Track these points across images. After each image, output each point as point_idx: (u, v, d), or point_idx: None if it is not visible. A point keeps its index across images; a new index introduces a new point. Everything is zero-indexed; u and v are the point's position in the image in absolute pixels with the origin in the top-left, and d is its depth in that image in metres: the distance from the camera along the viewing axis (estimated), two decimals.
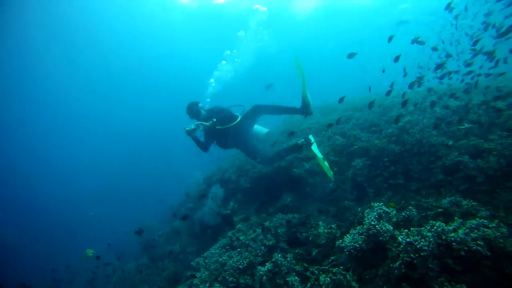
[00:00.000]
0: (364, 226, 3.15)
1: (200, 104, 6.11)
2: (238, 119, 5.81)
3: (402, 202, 4.10)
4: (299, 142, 5.52)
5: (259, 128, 6.26)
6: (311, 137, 5.55)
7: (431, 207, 3.56)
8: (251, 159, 6.12)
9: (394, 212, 3.31)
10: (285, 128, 7.61)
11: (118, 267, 8.56)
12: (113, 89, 35.37)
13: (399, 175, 4.79)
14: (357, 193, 5.06)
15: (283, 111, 5.74)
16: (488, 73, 6.16)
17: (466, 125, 4.92)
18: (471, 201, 3.54)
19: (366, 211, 3.47)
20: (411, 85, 5.68)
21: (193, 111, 5.95)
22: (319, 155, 5.37)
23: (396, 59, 5.51)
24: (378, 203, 3.50)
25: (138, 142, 36.36)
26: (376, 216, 3.21)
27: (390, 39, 5.86)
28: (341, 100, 5.14)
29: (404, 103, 5.34)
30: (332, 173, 5.12)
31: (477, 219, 2.93)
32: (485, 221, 2.88)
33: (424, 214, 3.44)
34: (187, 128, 5.62)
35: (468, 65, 6.23)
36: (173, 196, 10.44)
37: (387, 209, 3.31)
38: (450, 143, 4.67)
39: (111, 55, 27.82)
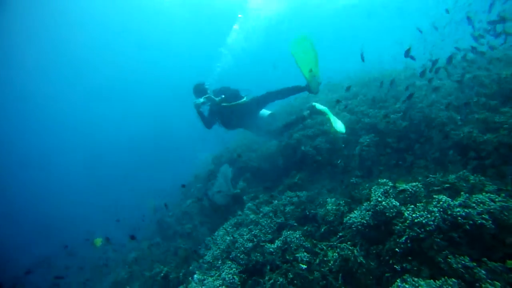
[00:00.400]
0: (371, 203, 3.21)
1: (206, 85, 6.17)
2: (245, 99, 5.85)
3: (410, 178, 4.14)
4: (304, 113, 5.65)
5: (263, 111, 6.27)
6: (314, 103, 5.61)
7: (438, 182, 3.59)
8: (256, 136, 6.21)
9: (402, 187, 3.35)
10: (291, 109, 7.59)
11: (131, 246, 8.94)
12: (115, 80, 35.32)
13: (407, 151, 4.80)
14: (365, 170, 5.10)
15: (292, 92, 5.79)
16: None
17: (476, 98, 4.84)
18: (479, 175, 3.56)
19: (373, 188, 3.51)
20: (422, 74, 5.59)
21: (199, 90, 6.05)
22: (326, 110, 5.42)
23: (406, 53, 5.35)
24: (384, 180, 3.55)
25: (144, 128, 36.47)
26: (383, 192, 3.26)
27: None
28: (348, 89, 5.16)
29: (423, 73, 5.28)
30: (343, 129, 5.13)
31: (484, 193, 2.97)
32: (492, 195, 2.92)
33: (431, 189, 3.48)
34: (196, 102, 5.80)
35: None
36: (183, 176, 10.67)
37: (393, 185, 3.35)
38: (459, 117, 4.62)
39: (107, 50, 27.53)
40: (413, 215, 2.81)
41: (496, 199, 2.83)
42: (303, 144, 5.96)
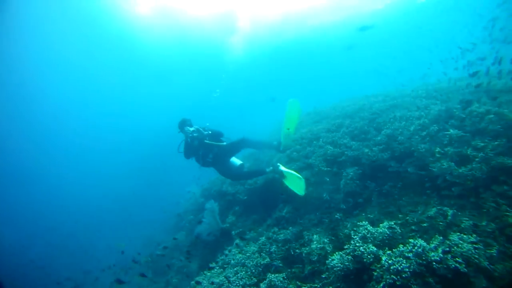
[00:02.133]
0: (351, 247, 3.27)
1: (192, 123, 6.41)
2: (225, 143, 6.26)
3: (390, 213, 4.22)
4: (267, 170, 5.98)
5: (234, 159, 6.48)
6: (278, 164, 5.96)
7: (417, 220, 3.67)
8: (222, 175, 6.55)
9: (380, 230, 3.42)
10: (261, 157, 7.77)
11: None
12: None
13: (389, 184, 4.91)
14: (349, 203, 5.17)
15: (265, 146, 6.64)
16: None
17: (452, 131, 5.01)
18: (456, 210, 3.67)
19: (352, 230, 3.58)
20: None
21: (186, 126, 6.31)
22: (289, 174, 5.71)
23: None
24: (363, 222, 3.63)
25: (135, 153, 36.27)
26: (361, 236, 3.32)
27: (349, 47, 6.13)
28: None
29: None
30: (303, 192, 5.48)
31: (458, 233, 3.06)
32: (465, 236, 3.00)
33: (409, 228, 3.56)
34: (187, 128, 6.14)
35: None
36: (174, 207, 10.62)
37: (371, 229, 3.42)
38: (437, 150, 4.76)
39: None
40: (389, 261, 2.87)
41: (469, 240, 2.92)
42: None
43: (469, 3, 21.27)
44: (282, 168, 5.88)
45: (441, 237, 3.02)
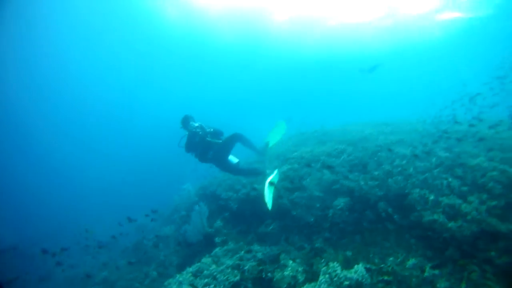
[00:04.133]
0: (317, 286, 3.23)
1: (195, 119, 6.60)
2: (221, 141, 6.28)
3: (369, 255, 4.14)
4: (267, 171, 6.17)
5: (232, 157, 6.51)
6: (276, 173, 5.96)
7: (391, 270, 3.58)
8: (224, 171, 6.56)
9: (349, 275, 3.36)
10: (280, 152, 7.70)
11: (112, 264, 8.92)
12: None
13: (376, 224, 4.82)
14: (334, 234, 5.11)
15: (251, 147, 6.84)
16: None
17: (451, 180, 4.86)
18: (435, 268, 3.56)
19: (325, 266, 3.53)
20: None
21: (187, 121, 6.40)
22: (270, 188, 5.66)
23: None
24: (335, 264, 3.57)
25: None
26: (329, 278, 3.27)
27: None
28: None
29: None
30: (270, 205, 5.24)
31: None
32: None
33: (381, 278, 3.48)
34: (192, 123, 6.25)
35: None
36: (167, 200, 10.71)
37: (341, 273, 3.36)
38: (431, 198, 4.63)
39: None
40: None
41: None
42: (280, 196, 6.02)
43: None
44: (272, 176, 5.88)
45: None
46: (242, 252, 5.14)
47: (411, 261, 3.74)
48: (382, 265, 3.70)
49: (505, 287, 3.17)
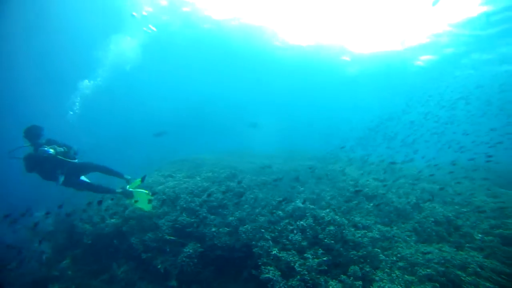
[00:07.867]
0: None
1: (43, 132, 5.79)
2: (77, 161, 5.91)
3: None
4: (117, 190, 5.97)
5: (84, 178, 6.05)
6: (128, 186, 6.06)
7: None
8: (65, 186, 5.87)
9: None
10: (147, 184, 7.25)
11: None
12: None
13: (218, 280, 4.88)
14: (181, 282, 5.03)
15: (113, 173, 6.26)
16: None
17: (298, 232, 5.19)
18: None
19: None
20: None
21: (34, 135, 5.64)
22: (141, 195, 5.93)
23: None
24: None
25: None
26: None
27: None
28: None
29: None
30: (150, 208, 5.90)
31: None
32: None
33: None
34: (45, 149, 5.37)
35: None
36: None
37: None
38: (273, 252, 4.80)
39: None
40: None
41: None
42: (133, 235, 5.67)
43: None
44: (130, 188, 6.00)
45: None
46: None
47: None
48: None
49: None
